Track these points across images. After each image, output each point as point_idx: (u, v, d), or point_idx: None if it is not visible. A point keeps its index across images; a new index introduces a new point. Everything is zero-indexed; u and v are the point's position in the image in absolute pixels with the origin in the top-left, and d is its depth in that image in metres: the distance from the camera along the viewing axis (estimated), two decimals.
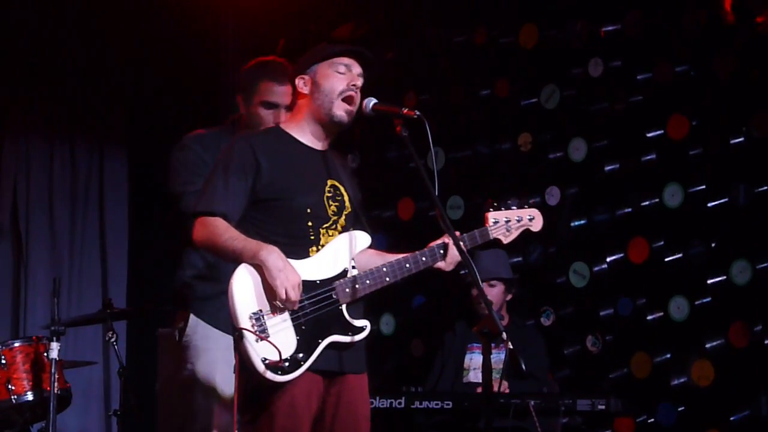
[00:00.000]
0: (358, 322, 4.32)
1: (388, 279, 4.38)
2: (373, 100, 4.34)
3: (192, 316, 5.16)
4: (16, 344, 6.06)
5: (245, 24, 8.23)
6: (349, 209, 4.46)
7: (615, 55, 6.64)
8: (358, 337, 4.31)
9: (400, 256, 4.43)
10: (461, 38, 7.47)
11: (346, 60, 4.38)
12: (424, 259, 4.42)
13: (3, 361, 5.95)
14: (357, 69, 4.39)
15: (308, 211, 4.32)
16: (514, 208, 4.67)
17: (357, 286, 4.32)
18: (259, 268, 4.18)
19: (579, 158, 6.79)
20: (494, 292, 6.39)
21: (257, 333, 4.12)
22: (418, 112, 4.26)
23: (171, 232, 5.12)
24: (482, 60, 7.36)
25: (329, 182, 4.44)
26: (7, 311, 8.12)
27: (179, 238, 5.14)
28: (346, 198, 4.46)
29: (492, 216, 4.62)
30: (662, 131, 6.39)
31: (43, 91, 8.20)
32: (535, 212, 4.69)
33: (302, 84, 4.39)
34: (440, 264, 4.46)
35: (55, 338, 5.90)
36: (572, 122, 6.84)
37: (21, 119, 8.24)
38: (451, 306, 6.93)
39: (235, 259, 4.23)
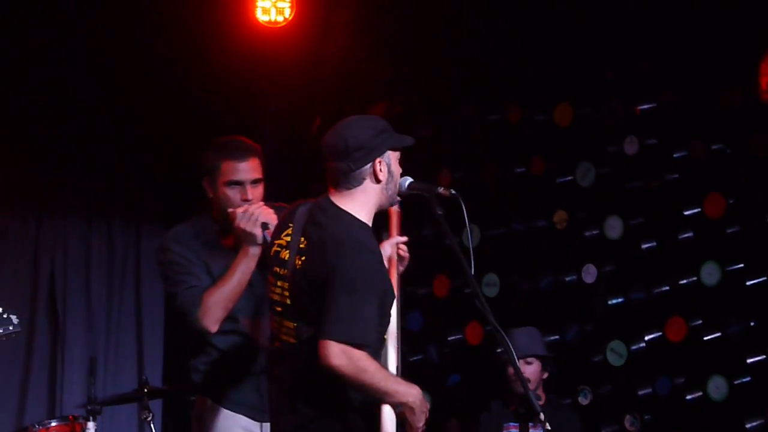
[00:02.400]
0: None
1: None
2: (409, 179, 4.33)
3: (208, 400, 5.16)
4: (53, 424, 6.06)
5: (282, 104, 8.30)
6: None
7: (650, 132, 6.64)
8: None
9: None
10: (496, 116, 7.49)
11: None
12: None
13: None
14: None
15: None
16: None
17: None
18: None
19: (615, 236, 6.75)
20: (531, 370, 6.34)
21: None
22: (453, 191, 4.26)
23: None
24: (517, 138, 7.37)
25: None
26: (43, 389, 8.13)
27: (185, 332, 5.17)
28: None
29: None
30: (699, 209, 6.35)
31: (80, 168, 8.28)
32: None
33: (380, 169, 4.25)
34: None
35: (91, 417, 5.91)
36: (608, 200, 6.82)
37: (59, 196, 8.32)
38: (487, 385, 6.88)
39: (376, 396, 4.07)
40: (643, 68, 6.68)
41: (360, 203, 4.22)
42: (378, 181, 4.18)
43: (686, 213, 6.42)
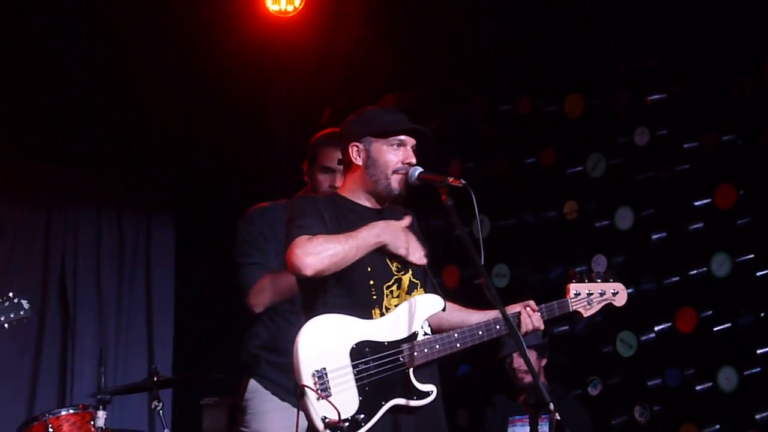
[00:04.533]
0: (425, 387, 4.30)
1: (458, 345, 4.35)
2: (419, 169, 4.36)
3: (252, 381, 5.20)
4: (63, 413, 6.08)
5: (292, 94, 8.30)
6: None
7: (661, 123, 6.62)
8: (421, 402, 4.29)
9: (479, 318, 4.41)
10: (506, 107, 7.49)
11: (401, 135, 4.40)
12: (498, 327, 4.39)
13: (50, 430, 5.97)
14: (410, 141, 4.41)
15: (368, 269, 4.32)
16: (599, 281, 4.64)
17: (426, 350, 4.30)
18: (328, 323, 4.18)
19: (625, 227, 6.74)
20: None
21: (318, 391, 4.11)
22: (463, 181, 4.27)
23: (217, 301, 5.19)
24: (527, 129, 7.37)
25: None
26: (54, 379, 8.16)
27: (244, 312, 5.21)
28: None
29: (574, 288, 4.59)
30: (709, 200, 6.34)
31: (91, 158, 8.30)
32: (619, 287, 4.64)
33: (356, 153, 4.40)
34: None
35: (101, 407, 5.93)
36: (618, 191, 6.81)
37: (69, 186, 8.34)
38: (496, 375, 6.88)
39: (349, 261, 4.24)
40: (654, 59, 6.67)
41: (348, 186, 4.48)
42: (357, 166, 4.33)
43: (697, 204, 6.40)
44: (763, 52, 6.15)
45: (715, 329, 6.27)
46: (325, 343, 4.17)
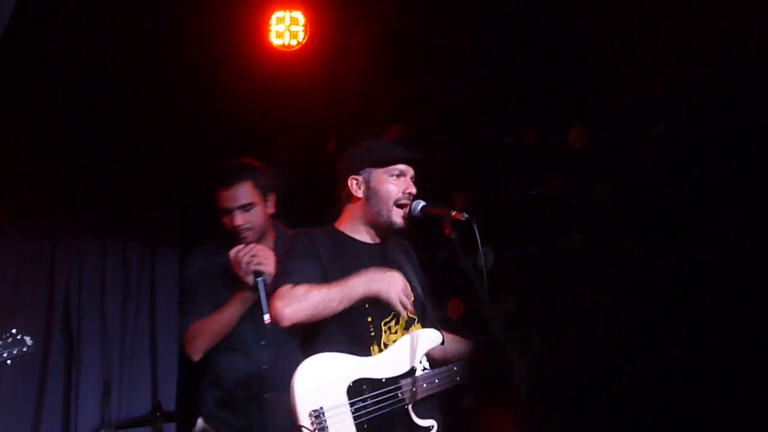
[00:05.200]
0: (425, 422, 4.29)
1: (458, 379, 4.34)
2: (422, 203, 4.37)
3: (200, 420, 5.22)
4: None
5: (297, 127, 8.31)
6: (413, 298, 4.44)
7: (666, 154, 6.62)
8: None
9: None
10: (511, 139, 7.49)
11: (401, 165, 4.40)
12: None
13: None
14: (410, 172, 4.41)
15: (366, 306, 4.32)
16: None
17: (425, 384, 4.30)
18: (324, 362, 4.17)
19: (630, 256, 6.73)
20: None
21: (316, 431, 4.10)
22: (466, 215, 4.28)
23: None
24: (532, 160, 7.36)
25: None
26: (58, 411, 8.14)
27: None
28: (408, 288, 4.45)
29: None
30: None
31: (96, 190, 8.31)
32: None
33: (355, 186, 4.41)
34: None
35: None
36: (624, 220, 6.80)
37: (74, 218, 8.35)
38: (500, 408, 6.84)
39: (331, 312, 4.25)
40: (658, 89, 6.67)
41: (346, 220, 4.53)
42: (357, 198, 4.33)
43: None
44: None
45: None
46: (322, 382, 4.16)
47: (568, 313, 7.06)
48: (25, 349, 5.39)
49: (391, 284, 4.20)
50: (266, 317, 4.90)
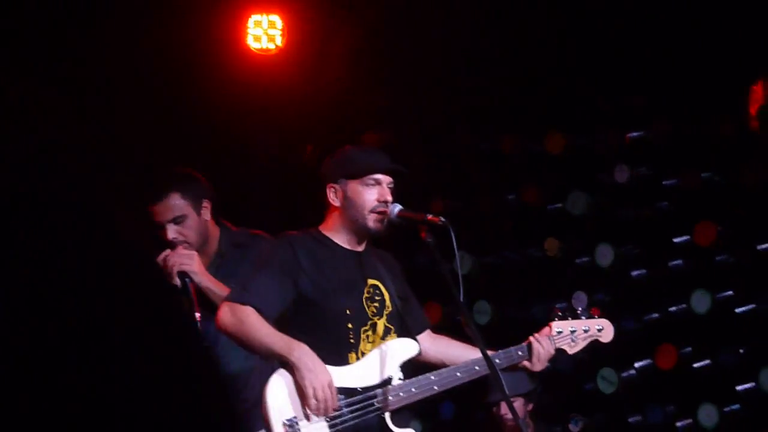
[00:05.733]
0: (403, 431, 4.29)
1: (436, 388, 4.34)
2: (398, 207, 4.37)
3: None
4: None
5: (274, 132, 8.31)
6: (390, 308, 4.45)
7: (641, 161, 6.66)
8: None
9: (467, 354, 4.40)
10: (488, 145, 7.51)
11: (375, 174, 4.41)
12: (477, 368, 4.36)
13: None
14: (386, 179, 4.41)
15: (347, 312, 4.32)
16: (583, 317, 4.61)
17: (401, 394, 4.28)
18: (292, 369, 4.17)
19: (606, 264, 6.76)
20: (515, 406, 6.31)
21: None
22: (443, 219, 4.28)
23: None
24: (509, 166, 7.39)
25: (369, 282, 4.44)
26: None
27: None
28: (386, 297, 4.46)
29: (556, 326, 4.56)
30: (689, 237, 6.37)
31: None
32: (605, 323, 4.60)
33: (333, 195, 4.41)
34: (526, 364, 4.45)
35: None
36: (599, 228, 6.84)
37: None
38: (479, 412, 6.88)
39: (264, 355, 4.22)
40: (635, 97, 6.71)
41: (329, 225, 4.47)
42: (335, 206, 4.34)
43: (676, 241, 6.44)
44: (742, 90, 6.20)
45: (695, 366, 6.29)
46: (297, 392, 4.15)
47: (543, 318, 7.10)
48: None
49: (317, 379, 4.15)
50: (197, 315, 4.90)
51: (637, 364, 6.56)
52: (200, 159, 8.19)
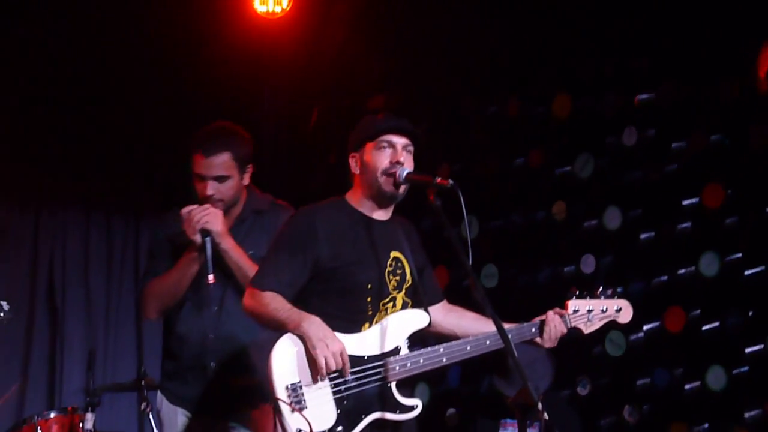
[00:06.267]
0: (409, 401, 4.29)
1: (444, 360, 4.34)
2: (407, 170, 4.37)
3: (158, 393, 5.21)
4: (52, 415, 6.08)
5: (280, 95, 8.29)
6: (410, 282, 4.45)
7: (649, 123, 6.63)
8: (405, 416, 4.28)
9: (479, 326, 4.39)
10: (494, 108, 7.49)
11: (388, 136, 4.40)
12: (488, 342, 4.38)
13: None
14: (401, 142, 4.40)
15: (369, 287, 4.33)
16: (602, 297, 4.61)
17: (408, 364, 4.29)
18: (303, 339, 4.18)
19: (614, 227, 6.75)
20: None
21: (291, 404, 4.11)
22: (451, 181, 4.27)
23: None
24: (515, 130, 7.36)
25: (392, 254, 4.44)
26: (43, 381, 8.14)
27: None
28: (407, 271, 4.46)
29: (572, 304, 4.57)
30: (697, 200, 6.34)
31: (79, 163, 8.28)
32: (623, 303, 4.62)
33: (354, 164, 4.44)
34: (537, 341, 4.45)
35: (90, 409, 5.92)
36: (607, 191, 6.81)
37: (57, 192, 8.32)
38: (487, 374, 6.87)
39: (278, 329, 4.24)
40: (642, 59, 6.67)
41: (354, 194, 4.49)
42: (356, 175, 4.35)
43: (685, 203, 6.41)
44: (751, 52, 6.15)
45: (703, 328, 6.27)
46: (302, 357, 4.17)
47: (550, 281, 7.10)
48: (1, 315, 5.37)
49: (328, 348, 4.17)
50: (210, 277, 4.90)
51: (645, 327, 6.54)
52: (206, 123, 8.22)
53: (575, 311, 4.56)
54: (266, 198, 5.24)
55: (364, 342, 4.28)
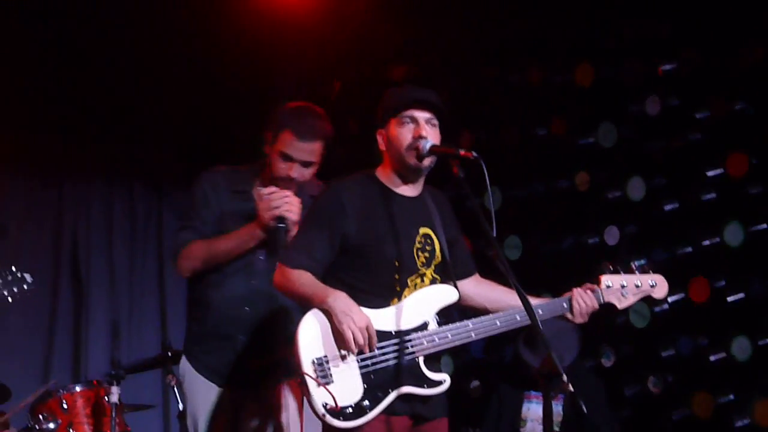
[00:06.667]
0: (436, 376, 4.29)
1: (473, 335, 4.34)
2: (430, 141, 4.34)
3: (183, 359, 5.21)
4: (77, 389, 6.12)
5: (301, 68, 8.27)
6: (439, 259, 4.44)
7: (672, 92, 6.58)
8: (433, 391, 4.28)
9: (509, 300, 4.40)
10: (516, 77, 7.45)
11: (410, 111, 4.38)
12: (518, 318, 4.36)
13: (65, 406, 6.00)
14: (424, 116, 4.38)
15: (396, 263, 4.33)
16: (637, 272, 4.58)
17: (436, 339, 4.29)
18: (329, 314, 4.19)
19: (637, 197, 6.71)
20: None
21: (317, 379, 4.12)
22: (475, 153, 4.25)
23: None
24: (538, 99, 7.33)
25: (421, 231, 4.43)
26: (68, 355, 8.18)
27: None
28: (437, 247, 4.45)
29: (605, 279, 4.54)
30: (722, 169, 6.30)
31: (102, 133, 8.30)
32: (659, 278, 4.59)
33: (381, 140, 4.43)
34: (568, 316, 4.44)
35: (115, 382, 5.95)
36: (630, 161, 6.78)
37: (81, 162, 8.35)
38: (510, 347, 6.87)
39: (305, 305, 4.25)
40: (664, 27, 6.62)
41: (383, 171, 4.47)
42: (384, 151, 4.33)
43: (709, 173, 6.37)
44: None
45: (728, 299, 6.25)
46: (328, 332, 4.17)
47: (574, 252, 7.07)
48: (25, 287, 5.39)
49: (354, 322, 4.17)
50: (262, 251, 4.95)
51: (669, 298, 6.52)
52: (228, 95, 8.22)
53: (608, 287, 4.53)
54: (319, 183, 5.24)
55: (392, 317, 4.28)
